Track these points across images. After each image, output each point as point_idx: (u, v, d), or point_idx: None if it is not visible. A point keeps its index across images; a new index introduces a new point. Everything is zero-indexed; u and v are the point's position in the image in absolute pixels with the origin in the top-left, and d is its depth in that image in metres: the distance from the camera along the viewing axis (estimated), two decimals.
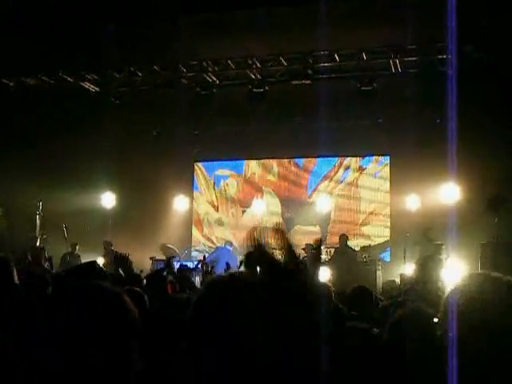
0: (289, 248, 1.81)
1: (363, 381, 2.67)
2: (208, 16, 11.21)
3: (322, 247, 3.17)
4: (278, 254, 1.78)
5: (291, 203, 16.26)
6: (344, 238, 13.24)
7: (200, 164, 17.13)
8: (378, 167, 15.69)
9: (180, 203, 16.22)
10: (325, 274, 12.49)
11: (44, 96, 14.53)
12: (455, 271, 10.70)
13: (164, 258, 14.09)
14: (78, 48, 12.29)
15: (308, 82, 13.09)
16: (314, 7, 10.13)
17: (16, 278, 2.75)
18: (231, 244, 14.56)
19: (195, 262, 12.12)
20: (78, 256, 13.48)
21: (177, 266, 10.87)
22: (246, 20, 11.03)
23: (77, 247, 13.78)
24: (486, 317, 1.68)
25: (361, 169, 15.86)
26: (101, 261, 14.56)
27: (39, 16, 10.92)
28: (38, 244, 13.45)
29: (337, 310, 4.10)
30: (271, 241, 1.79)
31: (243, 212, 16.61)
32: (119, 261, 5.27)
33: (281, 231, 1.83)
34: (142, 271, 11.62)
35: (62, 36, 11.92)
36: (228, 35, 11.55)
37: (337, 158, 16.03)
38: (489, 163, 12.31)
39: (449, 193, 12.98)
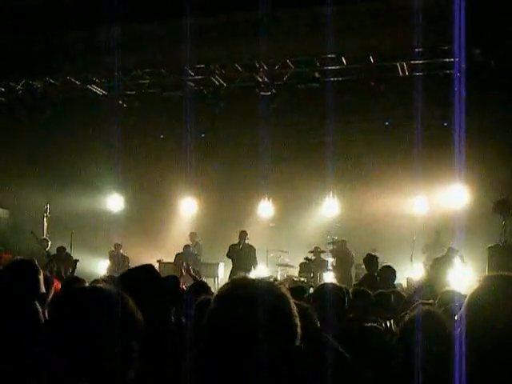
0: None
1: (377, 379, 2.68)
2: (215, 19, 11.22)
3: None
4: None
5: (298, 205, 16.19)
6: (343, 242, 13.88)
7: None
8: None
9: (187, 206, 16.22)
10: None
11: (51, 99, 14.57)
12: (463, 274, 10.70)
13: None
14: (84, 51, 12.31)
15: (315, 85, 13.08)
16: (322, 10, 10.13)
17: (42, 286, 2.63)
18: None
19: None
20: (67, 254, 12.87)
21: None
22: (253, 23, 11.02)
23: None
24: (505, 317, 1.69)
25: None
26: (106, 263, 14.63)
27: (46, 19, 10.95)
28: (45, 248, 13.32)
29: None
30: None
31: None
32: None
33: None
34: None
35: (69, 39, 11.96)
36: (235, 38, 11.55)
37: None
38: (496, 166, 12.29)
39: (456, 196, 12.96)
